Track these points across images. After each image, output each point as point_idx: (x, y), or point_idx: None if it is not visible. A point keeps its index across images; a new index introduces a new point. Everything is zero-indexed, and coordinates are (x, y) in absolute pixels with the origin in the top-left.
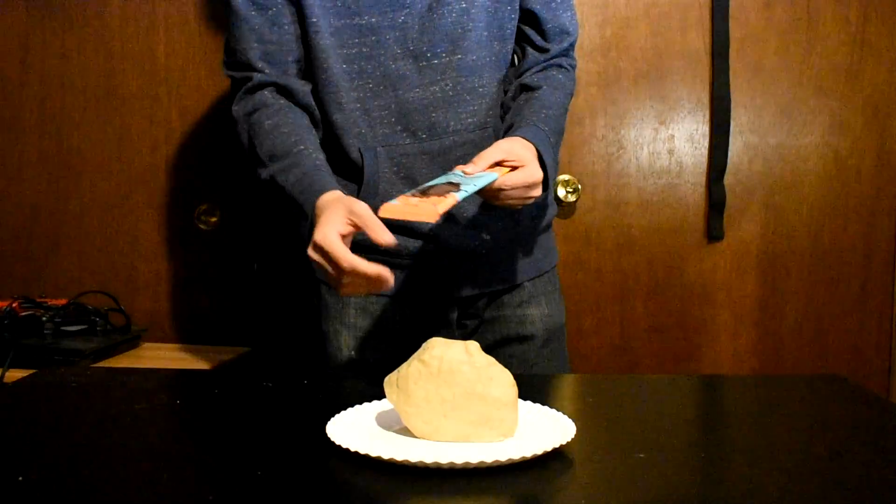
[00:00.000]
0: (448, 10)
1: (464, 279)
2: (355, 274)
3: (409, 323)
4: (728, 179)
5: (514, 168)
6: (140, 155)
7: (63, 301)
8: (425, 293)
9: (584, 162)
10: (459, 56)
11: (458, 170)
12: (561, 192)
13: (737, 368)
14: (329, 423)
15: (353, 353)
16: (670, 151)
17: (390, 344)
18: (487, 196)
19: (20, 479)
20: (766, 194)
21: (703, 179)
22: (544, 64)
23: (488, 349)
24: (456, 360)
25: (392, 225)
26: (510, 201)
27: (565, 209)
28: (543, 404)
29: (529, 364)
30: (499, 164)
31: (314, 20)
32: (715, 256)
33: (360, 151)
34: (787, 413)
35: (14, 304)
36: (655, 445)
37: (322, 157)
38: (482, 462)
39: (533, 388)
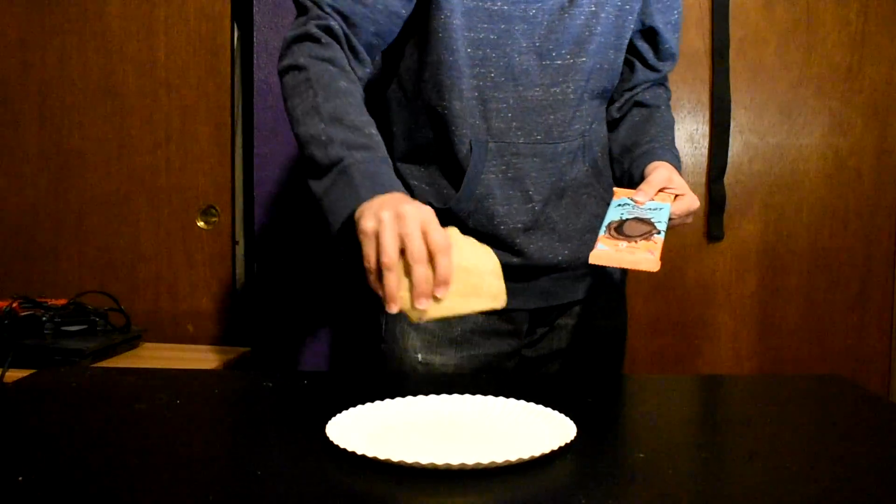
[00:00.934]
0: (579, 12)
1: (540, 292)
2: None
3: (478, 330)
4: (728, 179)
5: (675, 196)
6: (140, 155)
7: (63, 301)
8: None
9: None
10: (583, 59)
11: (624, 196)
12: None
13: (737, 368)
14: (329, 423)
15: (419, 355)
16: None
17: (458, 349)
18: None
19: (20, 479)
20: (766, 194)
21: (703, 179)
22: (653, 82)
23: (555, 358)
24: None
25: (479, 234)
26: (673, 227)
27: None
28: (543, 404)
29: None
30: (660, 190)
31: None
32: (715, 256)
33: (470, 144)
34: (787, 413)
35: (14, 304)
36: (655, 445)
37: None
38: (482, 463)
39: (533, 388)
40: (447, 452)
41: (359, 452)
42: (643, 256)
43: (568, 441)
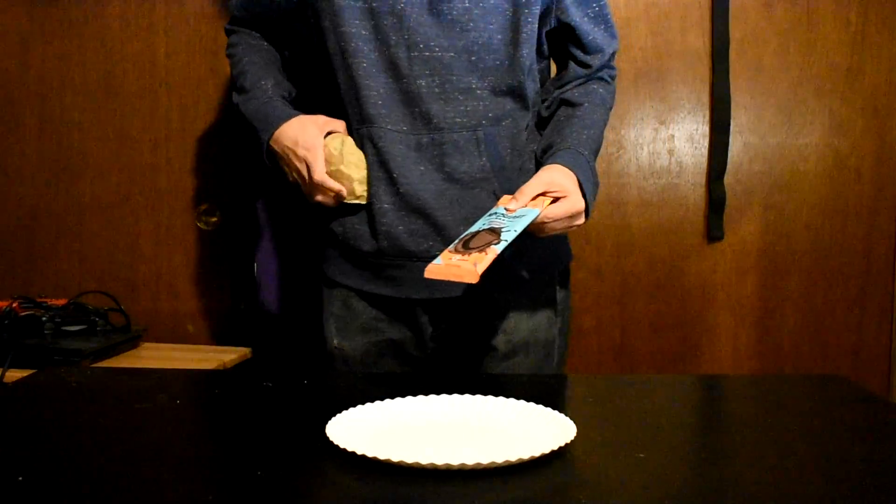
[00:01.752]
0: (449, 8)
1: (426, 283)
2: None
3: (381, 318)
4: (728, 179)
5: (555, 199)
6: (140, 155)
7: (63, 301)
8: (388, 293)
9: None
10: (452, 55)
11: (501, 206)
12: None
13: (737, 368)
14: (329, 423)
15: (335, 340)
16: (670, 151)
17: (364, 335)
18: (531, 229)
19: (20, 479)
20: (766, 194)
21: (703, 179)
22: (585, 78)
23: (467, 358)
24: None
25: (358, 222)
26: (555, 232)
27: None
28: (543, 404)
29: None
30: (541, 195)
31: None
32: (715, 256)
33: (351, 129)
34: (787, 413)
35: (14, 304)
36: (655, 445)
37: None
38: (482, 463)
39: (533, 388)
40: (447, 452)
41: (359, 452)
42: (467, 269)
43: (568, 441)
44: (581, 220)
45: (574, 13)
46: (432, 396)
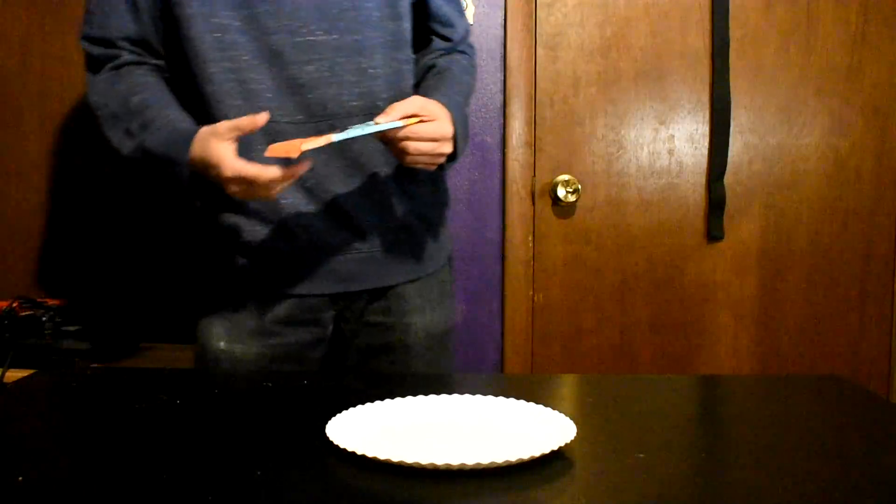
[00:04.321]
0: None
1: (338, 277)
2: (241, 179)
3: (281, 320)
4: (728, 179)
5: (422, 121)
6: None
7: (63, 301)
8: (297, 290)
9: (584, 162)
10: (336, 37)
11: (374, 122)
12: (561, 192)
13: (737, 368)
14: (329, 423)
15: (221, 343)
16: (670, 151)
17: (260, 339)
18: (397, 150)
19: (20, 479)
20: (766, 194)
21: (703, 179)
22: (447, 50)
23: (369, 353)
24: None
25: (259, 218)
26: (420, 158)
27: (565, 209)
28: (543, 404)
29: (411, 369)
30: (412, 116)
31: None
32: (715, 256)
33: None
34: (787, 413)
35: (14, 304)
36: (655, 445)
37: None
38: (482, 463)
39: (533, 388)
40: (447, 452)
41: (359, 452)
42: (294, 145)
43: (568, 441)
44: (447, 149)
45: None
46: (432, 396)
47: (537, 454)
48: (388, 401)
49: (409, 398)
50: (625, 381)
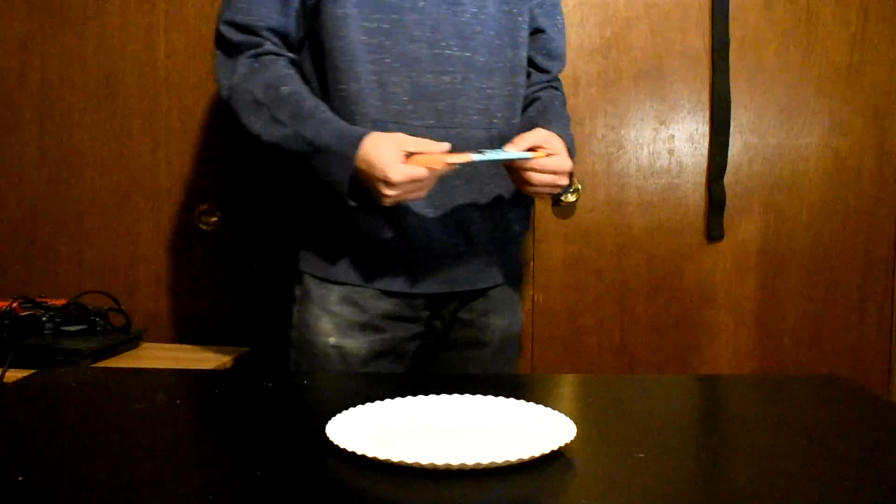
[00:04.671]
0: (462, 10)
1: (444, 278)
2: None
3: (386, 315)
4: (728, 179)
5: (548, 154)
6: (140, 155)
7: (63, 301)
8: (403, 288)
9: (584, 162)
10: (468, 54)
11: (504, 149)
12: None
13: (737, 368)
14: (329, 423)
15: (330, 339)
16: (670, 151)
17: (368, 334)
18: (519, 179)
19: (20, 479)
20: (766, 194)
21: (703, 179)
22: (546, 84)
23: (450, 349)
24: None
25: (384, 219)
26: (540, 188)
27: (565, 209)
28: (543, 404)
29: (482, 369)
30: (536, 148)
31: None
32: (715, 256)
33: (373, 123)
34: (787, 413)
35: (14, 304)
36: (655, 445)
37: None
38: (482, 463)
39: (533, 388)
40: (447, 452)
41: (359, 452)
42: (437, 159)
43: (568, 441)
44: (564, 182)
45: (544, 21)
46: (432, 396)
47: (537, 454)
48: (388, 401)
49: (409, 398)
50: (625, 381)
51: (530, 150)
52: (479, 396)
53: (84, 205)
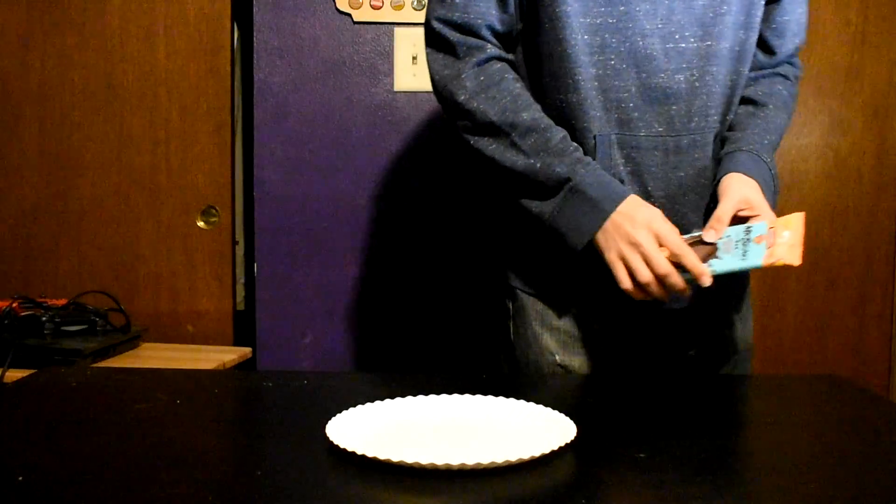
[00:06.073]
0: None
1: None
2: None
3: (612, 330)
4: None
5: (746, 218)
6: (140, 155)
7: (63, 301)
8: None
9: None
10: (709, 43)
11: (704, 232)
12: None
13: None
14: (329, 423)
15: (556, 356)
16: None
17: (595, 348)
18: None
19: (20, 479)
20: None
21: None
22: (771, 71)
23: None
24: None
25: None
26: None
27: None
28: (543, 404)
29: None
30: (742, 219)
31: None
32: None
33: (595, 138)
34: (787, 413)
35: (14, 304)
36: (655, 445)
37: None
38: (482, 463)
39: (533, 388)
40: (447, 452)
41: (359, 452)
42: (791, 256)
43: (568, 441)
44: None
45: None
46: (432, 396)
47: (537, 454)
48: (388, 401)
49: (409, 398)
50: (625, 381)
51: (734, 220)
52: (479, 396)
53: (84, 205)
